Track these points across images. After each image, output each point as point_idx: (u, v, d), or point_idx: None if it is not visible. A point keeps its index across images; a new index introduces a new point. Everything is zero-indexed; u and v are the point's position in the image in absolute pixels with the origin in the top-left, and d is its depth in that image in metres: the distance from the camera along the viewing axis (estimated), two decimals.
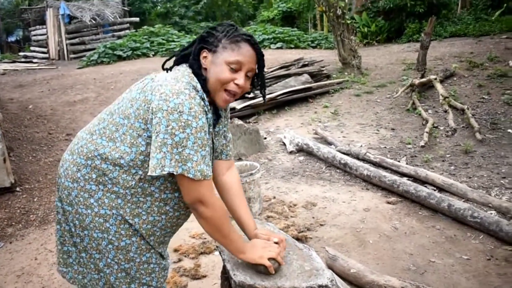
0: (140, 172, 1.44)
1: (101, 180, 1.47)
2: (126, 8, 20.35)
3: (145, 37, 15.99)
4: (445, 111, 5.79)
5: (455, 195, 3.61)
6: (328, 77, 8.45)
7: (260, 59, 1.50)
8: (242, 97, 5.41)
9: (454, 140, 5.13)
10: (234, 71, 1.43)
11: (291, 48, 14.78)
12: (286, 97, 6.83)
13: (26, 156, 5.54)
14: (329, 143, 5.14)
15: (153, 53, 15.08)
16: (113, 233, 1.49)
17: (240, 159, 4.87)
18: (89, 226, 1.50)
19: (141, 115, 1.40)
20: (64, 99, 8.59)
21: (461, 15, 15.20)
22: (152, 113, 1.35)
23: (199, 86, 1.41)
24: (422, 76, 6.91)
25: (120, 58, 14.36)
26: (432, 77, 6.61)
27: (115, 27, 18.78)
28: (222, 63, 1.43)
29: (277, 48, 14.73)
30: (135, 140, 1.42)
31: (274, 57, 11.73)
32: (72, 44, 17.37)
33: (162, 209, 1.51)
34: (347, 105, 6.91)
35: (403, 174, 4.13)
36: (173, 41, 15.94)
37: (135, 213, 1.48)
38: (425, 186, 3.75)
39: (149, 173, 1.33)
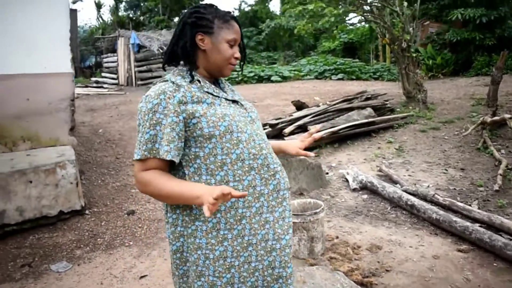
0: (186, 171, 1.54)
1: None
2: None
3: None
4: None
5: None
6: (391, 111, 8.27)
7: (241, 31, 1.66)
8: (304, 130, 5.38)
9: None
10: (232, 46, 1.59)
11: (352, 79, 14.70)
12: (348, 131, 6.74)
13: (95, 180, 5.79)
14: (394, 182, 4.98)
15: None
16: (205, 246, 1.51)
17: (301, 194, 4.83)
18: (187, 253, 1.57)
19: None
20: (131, 125, 8.97)
21: None
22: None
23: (183, 81, 1.55)
24: (494, 114, 6.59)
25: None
26: (507, 116, 6.29)
27: None
28: (222, 41, 1.57)
29: (338, 79, 14.70)
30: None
31: (335, 89, 11.70)
32: (140, 71, 18.28)
33: None
34: (412, 141, 6.70)
35: (475, 220, 3.91)
36: (235, 70, 16.21)
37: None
38: (500, 235, 3.52)
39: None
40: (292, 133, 6.41)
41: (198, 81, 1.56)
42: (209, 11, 1.59)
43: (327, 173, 5.51)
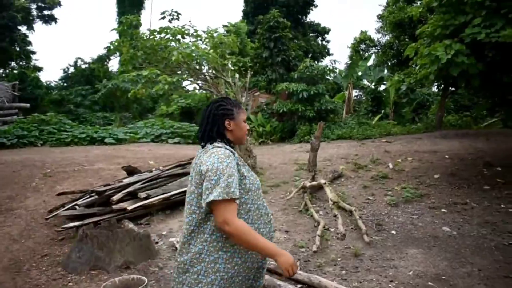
0: None
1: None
2: (15, 93, 19.35)
3: (35, 124, 15.19)
4: (335, 216, 6.01)
5: None
6: None
7: None
8: (134, 197, 5.12)
9: (344, 243, 5.27)
10: (245, 122, 2.37)
11: (189, 143, 14.89)
12: (180, 196, 6.66)
13: None
14: None
15: (41, 142, 14.28)
16: (223, 269, 2.13)
17: (128, 268, 4.49)
18: (203, 276, 2.12)
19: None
20: None
21: (346, 119, 16.70)
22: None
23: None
24: (313, 178, 7.23)
25: (3, 146, 13.33)
26: (322, 181, 6.95)
27: (1, 112, 17.65)
28: (241, 122, 2.32)
29: (175, 143, 14.76)
30: None
31: (171, 153, 11.66)
32: None
33: None
34: None
35: (297, 281, 4.09)
36: (65, 130, 15.26)
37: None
38: None
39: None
40: (121, 200, 6.07)
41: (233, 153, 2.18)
42: (229, 102, 2.31)
43: (157, 243, 5.28)
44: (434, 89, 17.66)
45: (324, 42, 34.20)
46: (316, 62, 21.52)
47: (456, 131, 13.30)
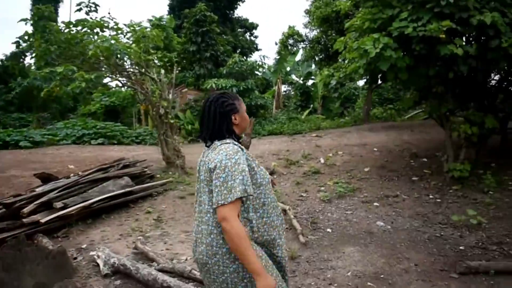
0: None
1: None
2: None
3: None
4: None
5: None
6: (152, 177, 8.00)
7: None
8: (49, 207, 4.52)
9: None
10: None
11: (114, 144, 14.06)
12: (103, 203, 6.11)
13: None
14: (150, 260, 4.56)
15: None
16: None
17: None
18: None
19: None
20: None
21: (276, 115, 16.65)
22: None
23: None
24: None
25: None
26: None
27: None
28: (244, 113, 2.32)
29: (98, 144, 13.87)
30: None
31: (94, 155, 10.90)
32: None
33: None
34: (171, 209, 6.49)
35: None
36: None
37: None
38: None
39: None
40: (34, 212, 5.41)
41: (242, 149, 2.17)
42: (230, 96, 2.28)
43: (75, 258, 4.73)
44: (360, 83, 18.11)
45: (252, 38, 34.16)
46: (244, 57, 21.31)
47: (382, 124, 13.66)
